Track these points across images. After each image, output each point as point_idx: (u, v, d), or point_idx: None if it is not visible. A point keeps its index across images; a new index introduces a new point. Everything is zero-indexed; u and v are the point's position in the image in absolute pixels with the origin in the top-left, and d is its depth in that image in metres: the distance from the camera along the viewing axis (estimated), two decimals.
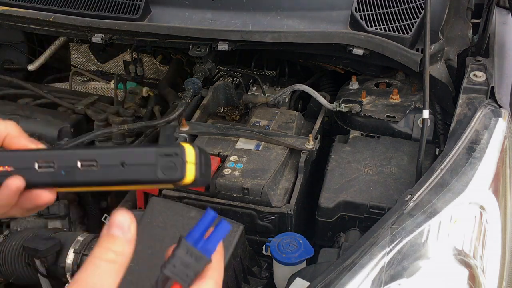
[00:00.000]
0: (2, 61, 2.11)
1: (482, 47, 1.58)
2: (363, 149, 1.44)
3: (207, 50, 1.57)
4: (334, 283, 0.94)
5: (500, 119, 1.28)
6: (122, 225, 0.54)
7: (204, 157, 0.63)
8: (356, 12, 1.52)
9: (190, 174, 0.61)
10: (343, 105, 1.52)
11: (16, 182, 0.58)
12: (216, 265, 0.57)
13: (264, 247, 1.24)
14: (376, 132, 1.51)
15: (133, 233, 0.54)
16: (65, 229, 1.43)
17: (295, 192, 1.32)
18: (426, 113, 1.31)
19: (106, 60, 2.10)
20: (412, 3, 1.54)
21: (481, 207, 1.09)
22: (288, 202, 1.30)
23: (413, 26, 1.48)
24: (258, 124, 1.53)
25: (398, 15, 1.51)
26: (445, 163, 1.14)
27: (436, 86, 1.47)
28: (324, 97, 1.57)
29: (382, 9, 1.53)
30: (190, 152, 0.61)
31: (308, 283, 1.03)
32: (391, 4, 1.54)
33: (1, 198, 0.59)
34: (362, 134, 1.51)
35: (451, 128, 1.29)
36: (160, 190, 1.34)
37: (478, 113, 1.29)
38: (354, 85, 1.65)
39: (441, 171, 1.13)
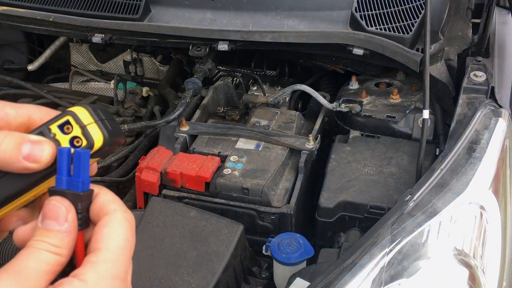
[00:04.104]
0: (2, 61, 2.11)
1: (482, 47, 1.58)
2: (363, 149, 1.44)
3: (207, 50, 1.57)
4: (334, 283, 0.94)
5: (500, 119, 1.28)
6: (57, 215, 0.50)
7: (103, 113, 0.55)
8: (356, 12, 1.52)
9: (97, 136, 0.54)
10: (343, 105, 1.52)
11: None
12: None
13: (264, 247, 1.23)
14: (376, 132, 1.51)
15: (71, 221, 0.50)
16: None
17: (295, 192, 1.31)
18: (426, 113, 1.31)
19: (106, 60, 2.10)
20: (412, 3, 1.54)
21: (481, 207, 1.09)
22: (288, 202, 1.30)
23: (413, 26, 1.48)
24: (258, 124, 1.53)
25: (398, 15, 1.51)
26: (445, 163, 1.14)
27: (436, 86, 1.47)
28: (324, 97, 1.57)
29: (382, 9, 1.53)
30: (82, 113, 0.54)
31: (308, 283, 1.03)
32: (391, 4, 1.54)
33: None
34: (362, 134, 1.51)
35: (451, 128, 1.29)
36: (160, 190, 1.34)
37: (478, 113, 1.29)
38: (354, 85, 1.65)
39: (441, 171, 1.13)
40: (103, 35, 1.62)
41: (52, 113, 0.56)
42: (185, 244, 1.14)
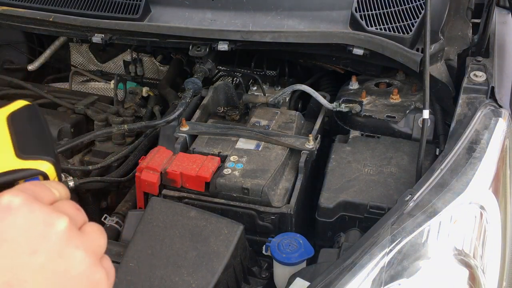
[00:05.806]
0: (2, 61, 2.11)
1: (482, 47, 1.58)
2: (363, 149, 1.44)
3: (207, 50, 1.57)
4: (334, 283, 0.94)
5: (500, 119, 1.28)
6: None
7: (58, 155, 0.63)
8: (356, 12, 1.52)
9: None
10: (343, 105, 1.52)
11: None
12: None
13: (264, 247, 1.23)
14: (376, 132, 1.51)
15: None
16: None
17: (295, 192, 1.31)
18: (426, 113, 1.31)
19: (106, 60, 2.10)
20: (412, 3, 1.54)
21: (481, 207, 1.09)
22: (288, 202, 1.29)
23: (413, 26, 1.48)
24: (258, 124, 1.53)
25: (398, 15, 1.51)
26: (445, 163, 1.14)
27: (436, 86, 1.47)
28: (324, 97, 1.57)
29: (382, 9, 1.53)
30: (50, 172, 0.61)
31: (308, 283, 1.03)
32: (391, 4, 1.54)
33: None
34: (362, 134, 1.51)
35: (451, 128, 1.29)
36: (160, 190, 1.34)
37: (478, 113, 1.29)
38: (354, 85, 1.65)
39: (441, 171, 1.13)
40: (103, 35, 1.62)
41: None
42: (185, 244, 1.14)
